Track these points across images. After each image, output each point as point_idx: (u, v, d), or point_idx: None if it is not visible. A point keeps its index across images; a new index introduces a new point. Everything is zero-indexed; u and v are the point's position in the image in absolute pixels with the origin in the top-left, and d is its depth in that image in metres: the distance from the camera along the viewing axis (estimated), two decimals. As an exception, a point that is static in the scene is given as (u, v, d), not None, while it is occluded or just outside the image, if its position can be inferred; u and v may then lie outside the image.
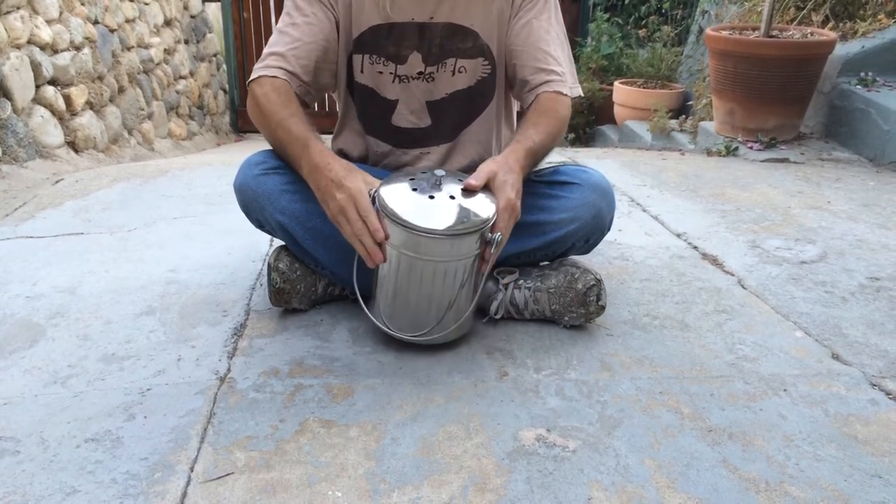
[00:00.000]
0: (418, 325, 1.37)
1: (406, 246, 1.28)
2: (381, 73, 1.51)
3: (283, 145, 1.39)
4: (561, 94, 1.45)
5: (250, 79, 1.45)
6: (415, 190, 1.30)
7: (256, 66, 1.45)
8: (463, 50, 1.49)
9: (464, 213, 1.28)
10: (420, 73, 1.51)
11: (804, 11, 3.59)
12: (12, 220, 2.21)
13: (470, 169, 1.48)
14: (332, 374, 1.34)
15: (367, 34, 1.48)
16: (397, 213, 1.26)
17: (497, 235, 1.30)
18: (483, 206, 1.30)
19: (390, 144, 1.58)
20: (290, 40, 1.44)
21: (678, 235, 2.11)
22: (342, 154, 1.64)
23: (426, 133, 1.56)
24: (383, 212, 1.27)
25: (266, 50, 1.46)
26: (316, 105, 5.43)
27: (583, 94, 1.49)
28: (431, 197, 1.28)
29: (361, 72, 1.52)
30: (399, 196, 1.29)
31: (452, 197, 1.29)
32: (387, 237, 1.27)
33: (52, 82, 3.40)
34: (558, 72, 1.46)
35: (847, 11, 3.57)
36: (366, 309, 1.40)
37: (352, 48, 1.50)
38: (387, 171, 1.56)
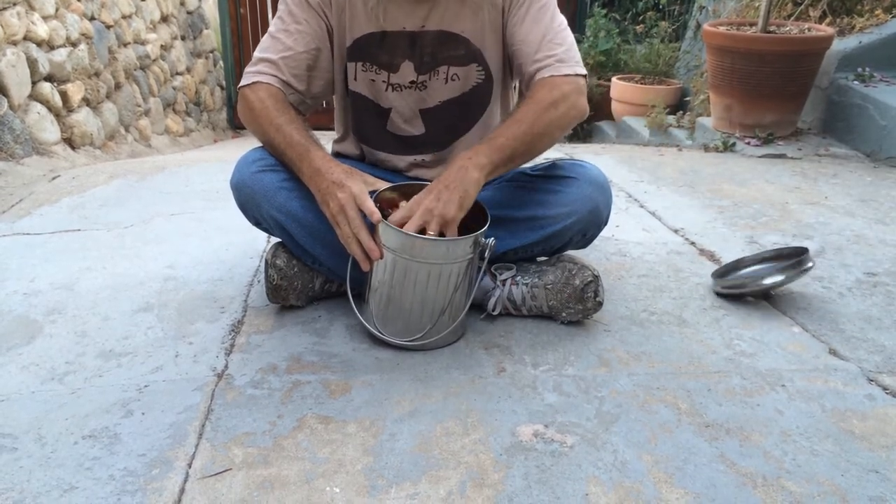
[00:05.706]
0: (412, 330, 1.38)
1: (402, 249, 1.29)
2: (373, 80, 1.50)
3: (282, 150, 1.39)
4: (554, 76, 1.38)
5: (242, 83, 1.44)
6: None
7: (247, 70, 1.45)
8: (455, 57, 1.48)
9: None
10: (412, 81, 1.49)
11: (802, 7, 3.58)
12: (9, 217, 2.20)
13: None
14: (330, 371, 1.34)
15: (360, 42, 1.47)
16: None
17: (491, 240, 1.31)
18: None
19: (386, 152, 1.58)
20: (283, 48, 1.43)
21: (675, 231, 2.11)
22: (340, 156, 1.64)
23: (420, 140, 1.55)
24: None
25: (257, 54, 1.45)
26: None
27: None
28: None
29: (355, 79, 1.51)
30: None
31: None
32: (381, 226, 1.28)
33: (49, 79, 3.39)
34: (551, 54, 1.40)
35: (844, 7, 3.56)
36: (360, 317, 1.41)
37: (346, 56, 1.49)
38: (385, 172, 1.57)
